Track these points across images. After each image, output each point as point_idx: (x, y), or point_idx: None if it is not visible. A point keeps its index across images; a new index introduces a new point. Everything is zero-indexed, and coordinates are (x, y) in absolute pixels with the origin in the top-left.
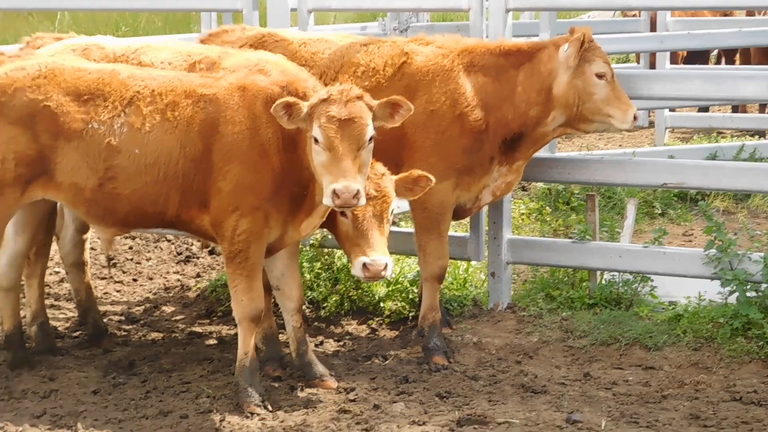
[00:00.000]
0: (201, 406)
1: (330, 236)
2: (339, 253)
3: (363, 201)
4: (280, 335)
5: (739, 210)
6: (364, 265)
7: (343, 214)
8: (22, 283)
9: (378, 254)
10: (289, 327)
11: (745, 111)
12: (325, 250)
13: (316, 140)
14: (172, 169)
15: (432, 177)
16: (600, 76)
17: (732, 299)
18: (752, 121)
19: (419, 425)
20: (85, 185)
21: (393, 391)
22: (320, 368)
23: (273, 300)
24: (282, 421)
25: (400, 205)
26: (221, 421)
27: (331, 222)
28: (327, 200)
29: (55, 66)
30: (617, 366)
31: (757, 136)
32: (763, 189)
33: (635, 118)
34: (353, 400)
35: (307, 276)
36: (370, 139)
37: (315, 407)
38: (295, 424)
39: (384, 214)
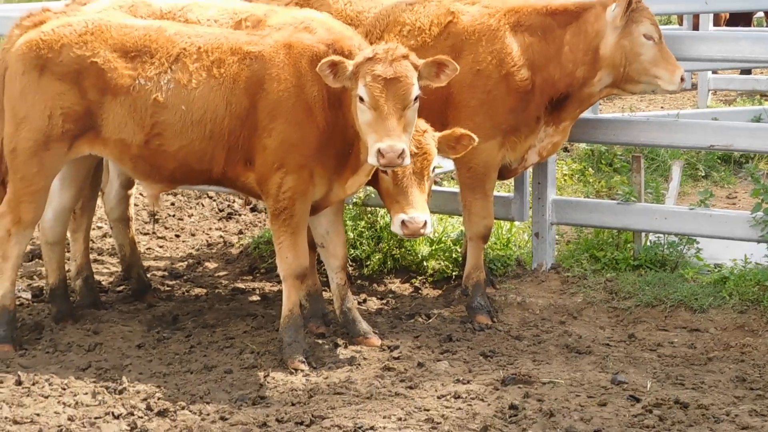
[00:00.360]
0: (245, 361)
1: (374, 194)
2: (382, 211)
3: (408, 161)
4: (324, 293)
5: None
6: (403, 222)
7: (384, 171)
8: (67, 238)
9: (417, 211)
10: (334, 284)
11: None
12: (368, 208)
13: (361, 99)
14: (218, 125)
15: (474, 136)
16: (648, 36)
17: None
18: None
19: (463, 383)
20: (132, 141)
21: (437, 349)
22: (364, 326)
23: (317, 257)
24: (326, 378)
25: (442, 163)
26: (265, 377)
27: (374, 179)
28: (372, 159)
29: (102, 22)
30: (662, 328)
31: None
32: None
33: (682, 79)
34: (397, 358)
35: (351, 234)
36: (416, 98)
37: (359, 364)
38: (339, 381)
39: (425, 171)
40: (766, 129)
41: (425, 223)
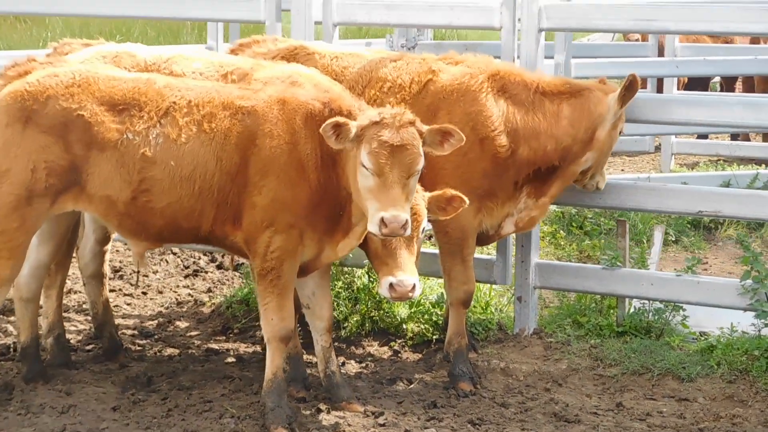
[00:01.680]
0: (225, 426)
1: (351, 255)
2: (359, 272)
3: (409, 231)
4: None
5: (754, 239)
6: (391, 285)
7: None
8: None
9: (406, 274)
10: (318, 347)
11: (747, 139)
12: (345, 268)
13: (363, 165)
14: (208, 182)
15: (465, 198)
16: (621, 132)
17: (766, 332)
18: (759, 150)
19: None
20: (118, 198)
21: (422, 416)
22: (347, 390)
23: (297, 319)
24: None
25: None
26: None
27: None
28: (373, 228)
29: (90, 74)
30: (650, 397)
31: (763, 165)
32: None
33: None
34: (383, 425)
35: None
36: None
37: (344, 431)
38: None
39: (414, 232)
40: (753, 195)
41: (414, 286)
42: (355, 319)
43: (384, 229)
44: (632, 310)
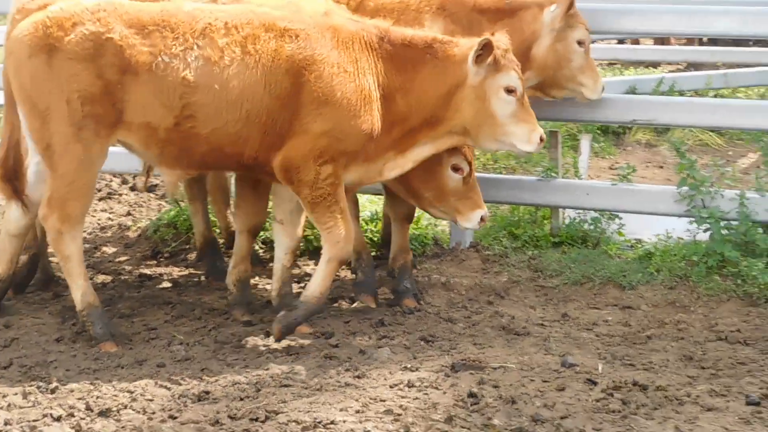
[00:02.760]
0: (176, 353)
1: None
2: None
3: None
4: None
5: (660, 143)
6: (482, 217)
7: (456, 170)
8: None
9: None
10: (279, 265)
11: (637, 42)
12: None
13: (509, 90)
14: (256, 106)
15: None
16: (580, 43)
17: (701, 237)
18: (653, 53)
19: (412, 371)
20: (160, 125)
21: (373, 335)
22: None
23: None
24: (267, 369)
25: None
26: (202, 370)
27: (425, 178)
28: (530, 147)
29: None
30: (593, 306)
31: (650, 68)
32: (738, 126)
33: (603, 88)
34: (336, 346)
35: None
36: None
37: (297, 354)
38: (283, 372)
39: None
40: (685, 103)
41: None
42: None
43: (539, 146)
44: (567, 220)
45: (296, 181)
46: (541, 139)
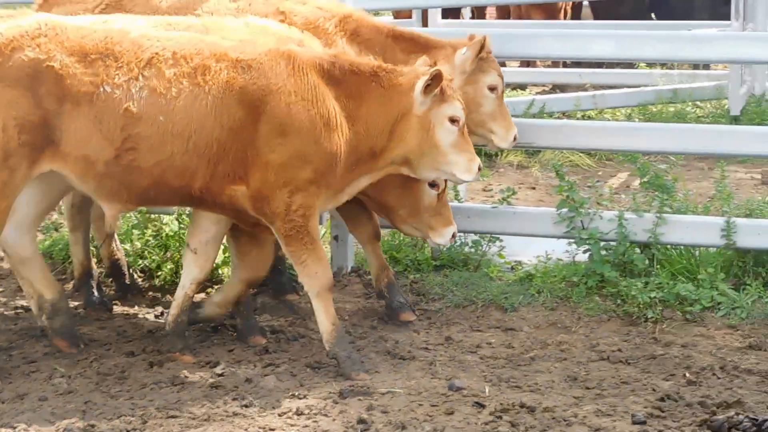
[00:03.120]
0: (58, 387)
1: None
2: (166, 218)
3: None
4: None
5: (531, 164)
6: (453, 234)
7: (432, 185)
8: None
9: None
10: (182, 292)
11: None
12: (152, 216)
13: (452, 120)
14: (205, 138)
15: None
16: (492, 88)
17: (580, 258)
18: (519, 75)
19: (300, 399)
20: (98, 157)
21: (258, 363)
22: (185, 341)
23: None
24: (151, 400)
25: None
26: (86, 402)
27: (400, 195)
28: (469, 176)
29: (57, 23)
30: (476, 329)
31: (518, 89)
32: (616, 147)
33: (515, 138)
34: (221, 375)
35: (137, 244)
36: None
37: (183, 383)
38: (168, 403)
39: None
40: (565, 126)
41: None
42: (168, 267)
43: (476, 175)
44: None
45: (269, 213)
46: (479, 168)
